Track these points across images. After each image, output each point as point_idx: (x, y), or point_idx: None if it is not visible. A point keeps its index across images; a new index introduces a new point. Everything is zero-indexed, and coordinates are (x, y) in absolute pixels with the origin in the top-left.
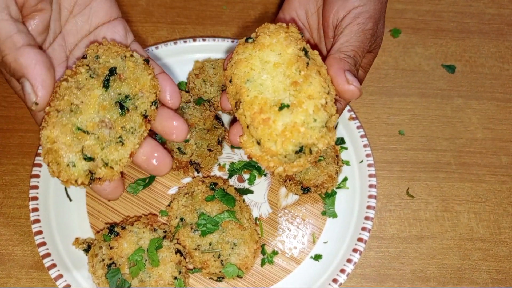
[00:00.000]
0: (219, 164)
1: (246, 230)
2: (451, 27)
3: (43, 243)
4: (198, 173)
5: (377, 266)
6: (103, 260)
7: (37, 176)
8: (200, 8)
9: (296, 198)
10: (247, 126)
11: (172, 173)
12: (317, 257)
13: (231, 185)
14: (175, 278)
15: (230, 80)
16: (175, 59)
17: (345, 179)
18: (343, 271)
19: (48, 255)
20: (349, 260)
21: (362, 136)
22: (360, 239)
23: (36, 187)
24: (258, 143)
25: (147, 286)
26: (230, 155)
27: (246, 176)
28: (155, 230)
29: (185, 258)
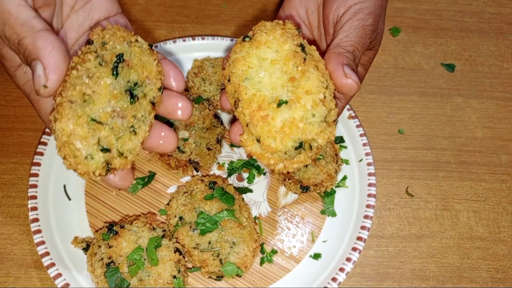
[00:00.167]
0: (218, 163)
1: (245, 229)
2: (451, 26)
3: (42, 242)
4: (197, 172)
5: (377, 265)
6: (102, 259)
7: (36, 175)
8: (200, 7)
9: (296, 197)
10: (247, 125)
11: (171, 172)
12: (316, 256)
13: (230, 184)
14: (174, 277)
15: (229, 79)
16: (174, 58)
17: (345, 178)
18: (343, 270)
19: (47, 254)
20: (349, 259)
21: (362, 135)
22: (360, 238)
23: (35, 186)
24: (258, 141)
25: (146, 285)
26: (229, 154)
27: (245, 175)
28: (154, 229)
29: (184, 257)
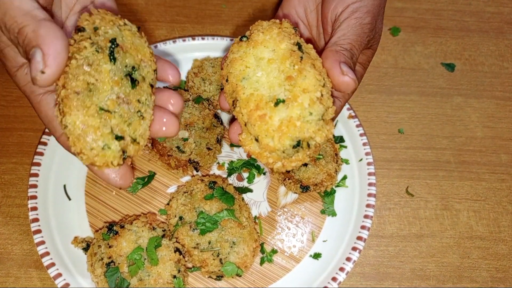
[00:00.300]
0: (218, 163)
1: (245, 229)
2: (451, 26)
3: (42, 242)
4: (197, 172)
5: (377, 265)
6: (102, 259)
7: (36, 175)
8: (200, 7)
9: (295, 197)
10: (245, 124)
11: (171, 172)
12: (317, 256)
13: (230, 184)
14: (174, 277)
15: (227, 80)
16: (174, 58)
17: (345, 178)
18: (343, 270)
19: (47, 254)
20: (349, 259)
21: (362, 135)
22: (360, 238)
23: (35, 186)
24: (257, 140)
25: (146, 285)
26: (229, 154)
27: (245, 175)
28: (154, 229)
29: (184, 257)
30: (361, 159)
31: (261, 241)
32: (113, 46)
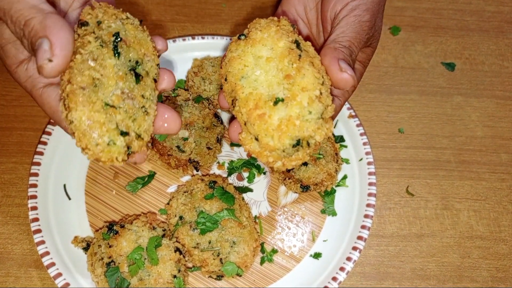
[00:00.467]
0: (218, 162)
1: (246, 228)
2: (451, 25)
3: (42, 242)
4: (197, 171)
5: (377, 264)
6: (102, 259)
7: (36, 175)
8: (199, 6)
9: (296, 196)
10: (245, 123)
11: (171, 171)
12: (317, 255)
13: (230, 183)
14: (174, 277)
15: (226, 79)
16: (174, 57)
17: (345, 177)
18: (343, 269)
19: (47, 254)
20: (349, 258)
21: (362, 134)
22: (360, 237)
23: (35, 186)
24: (257, 139)
25: (146, 285)
26: (229, 153)
27: (246, 174)
28: (154, 229)
29: (185, 257)
30: (361, 159)
31: (261, 241)
32: (117, 41)
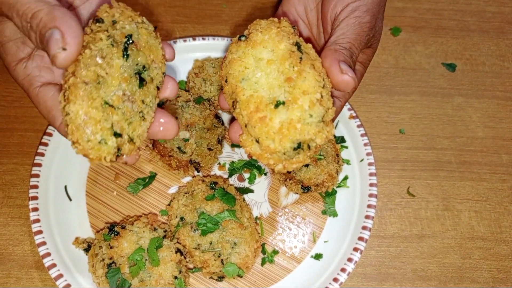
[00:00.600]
0: (219, 163)
1: (247, 229)
2: (452, 25)
3: (43, 243)
4: (198, 172)
5: (378, 265)
6: (103, 260)
7: (37, 176)
8: (200, 7)
9: (297, 197)
10: (245, 125)
11: (172, 173)
12: (318, 256)
13: (231, 184)
14: (176, 278)
15: (226, 80)
16: (175, 58)
17: (346, 178)
18: (344, 270)
19: (48, 255)
20: (350, 259)
21: (363, 135)
22: (361, 238)
23: (36, 187)
24: (257, 142)
25: (147, 286)
26: (230, 154)
27: (247, 175)
28: (155, 230)
29: (186, 258)
30: (362, 160)
31: (262, 242)
32: (128, 42)
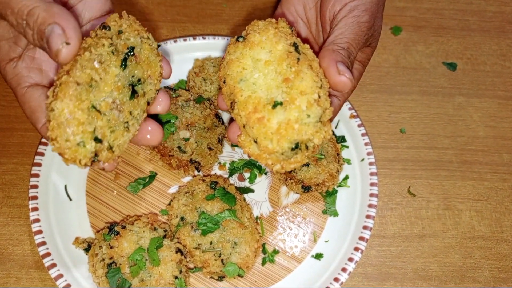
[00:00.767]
0: (220, 163)
1: (247, 229)
2: (452, 25)
3: (43, 243)
4: (199, 172)
5: (379, 265)
6: (103, 260)
7: (37, 176)
8: (200, 7)
9: (297, 197)
10: (244, 126)
11: (172, 172)
12: (318, 256)
13: (232, 184)
14: (176, 278)
15: (224, 81)
16: (175, 58)
17: (346, 178)
18: (345, 270)
19: (48, 255)
20: (351, 259)
21: (363, 135)
22: (362, 238)
23: (36, 187)
24: (256, 142)
25: (148, 286)
26: (231, 154)
27: (247, 175)
28: (156, 229)
29: (186, 258)
30: (363, 159)
31: (263, 242)
32: (129, 54)
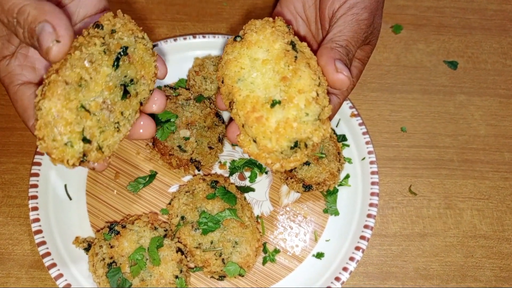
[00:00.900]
0: (220, 162)
1: (248, 228)
2: (453, 23)
3: (43, 242)
4: (199, 171)
5: (380, 264)
6: (104, 259)
7: (37, 175)
8: (200, 5)
9: (298, 196)
10: (243, 126)
11: (173, 171)
12: (319, 255)
13: (232, 183)
14: (176, 277)
15: (222, 81)
16: (175, 56)
17: (347, 177)
18: (346, 269)
19: (48, 254)
20: (352, 258)
21: (364, 133)
22: (363, 237)
23: (36, 186)
24: (255, 141)
25: (148, 285)
26: (231, 153)
27: (247, 174)
28: (156, 229)
29: (186, 257)
30: (364, 158)
31: (264, 241)
32: (122, 54)
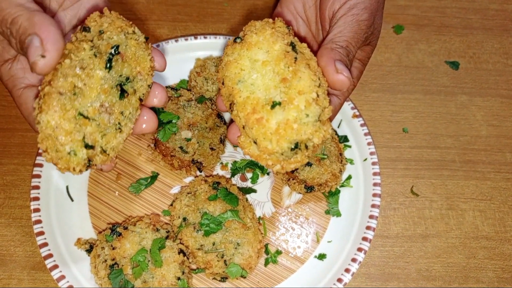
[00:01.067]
0: (222, 163)
1: (250, 230)
2: (455, 23)
3: (45, 244)
4: (201, 172)
5: (382, 265)
6: (106, 261)
7: (38, 176)
8: (201, 6)
9: (300, 197)
10: (243, 127)
11: (174, 172)
12: (321, 257)
13: (234, 184)
14: (178, 279)
15: (223, 83)
16: (176, 57)
17: (349, 178)
18: (348, 271)
19: (50, 256)
20: (354, 260)
21: (366, 134)
22: (365, 238)
23: (38, 188)
24: (255, 143)
25: (150, 287)
26: (233, 154)
27: (249, 175)
28: (158, 230)
29: (188, 258)
30: (366, 159)
31: (266, 242)
32: (113, 54)
